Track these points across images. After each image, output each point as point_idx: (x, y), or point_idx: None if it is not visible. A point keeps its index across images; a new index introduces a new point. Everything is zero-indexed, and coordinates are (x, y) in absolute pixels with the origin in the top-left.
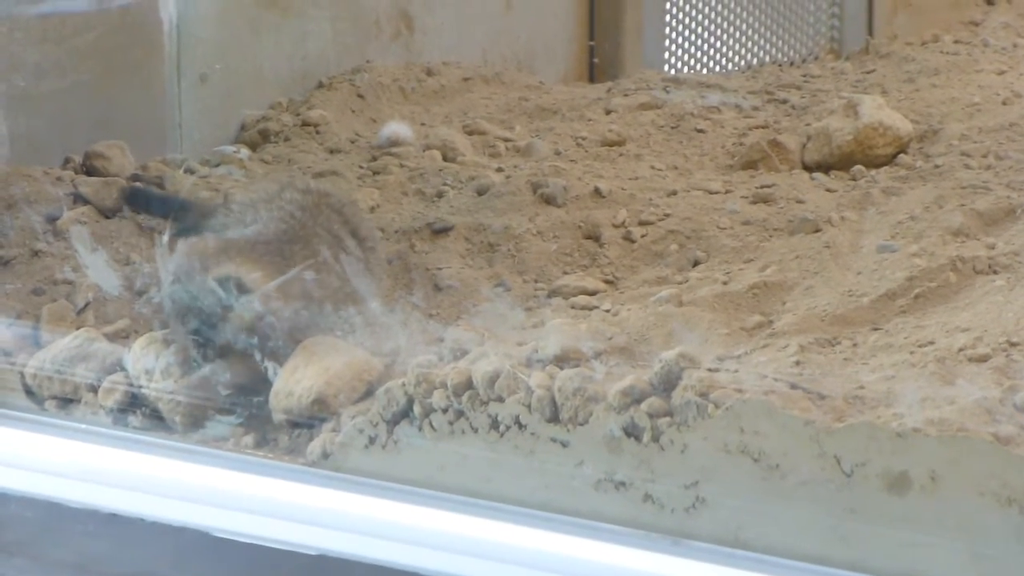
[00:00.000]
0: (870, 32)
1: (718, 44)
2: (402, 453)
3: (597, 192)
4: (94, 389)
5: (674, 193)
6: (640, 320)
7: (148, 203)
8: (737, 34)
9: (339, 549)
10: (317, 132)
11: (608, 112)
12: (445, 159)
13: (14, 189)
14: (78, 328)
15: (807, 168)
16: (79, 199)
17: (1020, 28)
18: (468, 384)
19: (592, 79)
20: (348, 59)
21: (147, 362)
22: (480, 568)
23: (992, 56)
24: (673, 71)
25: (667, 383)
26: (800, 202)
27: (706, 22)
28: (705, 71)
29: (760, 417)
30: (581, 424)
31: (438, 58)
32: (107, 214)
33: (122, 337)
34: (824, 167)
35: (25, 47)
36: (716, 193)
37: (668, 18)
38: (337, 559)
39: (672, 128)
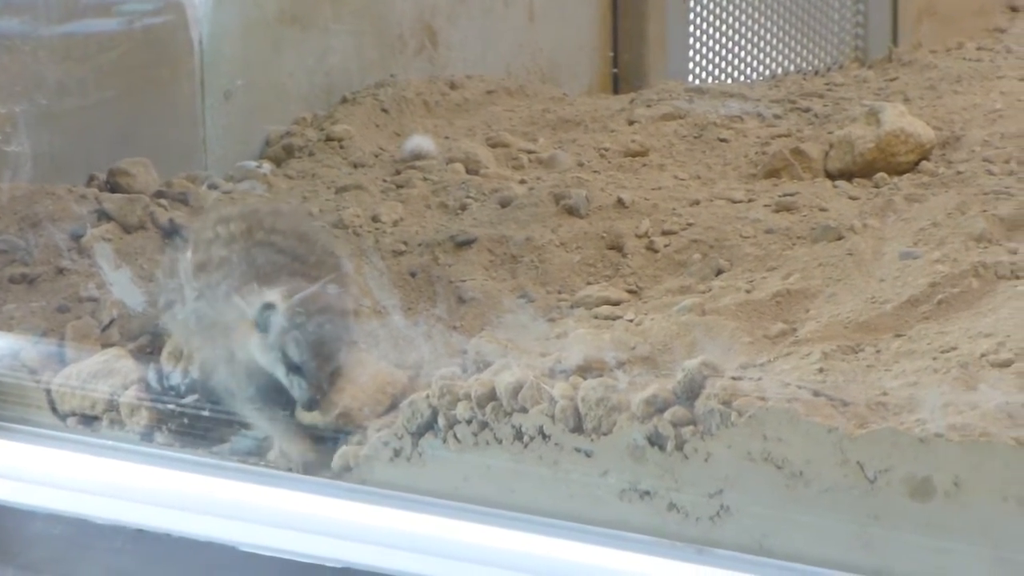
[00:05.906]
0: (895, 41)
1: (741, 54)
2: (427, 465)
3: (620, 202)
4: (118, 405)
5: (697, 203)
6: (663, 329)
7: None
8: (761, 43)
9: (364, 562)
10: (341, 147)
11: (631, 123)
12: (468, 172)
13: (38, 207)
14: (103, 345)
15: (830, 176)
16: (103, 216)
17: None
18: (492, 395)
19: (615, 90)
20: (372, 74)
21: (172, 377)
22: None
23: (1015, 63)
24: (696, 81)
25: (690, 392)
26: (823, 210)
27: (729, 32)
28: (728, 81)
29: (783, 425)
30: (605, 434)
31: (462, 72)
32: (131, 231)
33: (146, 353)
34: (847, 175)
35: (49, 65)
36: (739, 202)
37: (691, 28)
38: (362, 571)
39: (695, 138)
